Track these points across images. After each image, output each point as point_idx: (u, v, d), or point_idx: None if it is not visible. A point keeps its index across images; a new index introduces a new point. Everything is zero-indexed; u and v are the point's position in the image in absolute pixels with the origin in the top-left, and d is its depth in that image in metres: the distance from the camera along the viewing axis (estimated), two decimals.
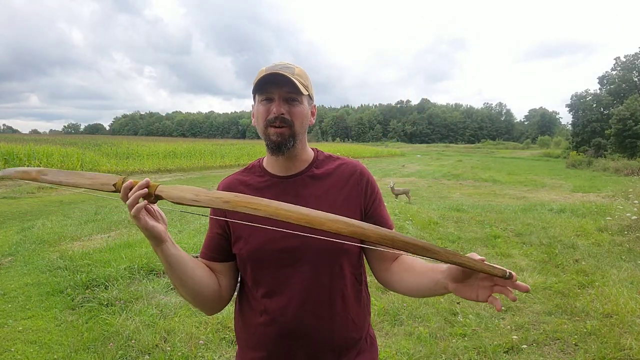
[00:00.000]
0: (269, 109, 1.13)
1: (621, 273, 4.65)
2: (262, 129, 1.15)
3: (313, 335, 1.12)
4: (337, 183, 1.18)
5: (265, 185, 1.20)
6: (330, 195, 1.16)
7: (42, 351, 3.08)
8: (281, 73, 1.09)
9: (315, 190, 1.17)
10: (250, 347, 1.20)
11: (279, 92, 1.12)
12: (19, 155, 17.10)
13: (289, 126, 1.12)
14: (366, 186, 1.19)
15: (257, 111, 1.17)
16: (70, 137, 50.03)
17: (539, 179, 18.15)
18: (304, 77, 1.16)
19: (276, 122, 1.12)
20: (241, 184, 1.23)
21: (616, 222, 6.84)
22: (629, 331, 3.27)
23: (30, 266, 5.07)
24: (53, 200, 10.86)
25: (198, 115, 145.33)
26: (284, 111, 1.12)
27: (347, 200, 1.16)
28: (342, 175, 1.19)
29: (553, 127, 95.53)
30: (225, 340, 3.20)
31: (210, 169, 22.96)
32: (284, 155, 1.15)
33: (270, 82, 1.11)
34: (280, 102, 1.12)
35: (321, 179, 1.19)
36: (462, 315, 3.64)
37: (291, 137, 1.13)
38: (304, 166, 1.21)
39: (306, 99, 1.17)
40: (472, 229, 6.96)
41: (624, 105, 28.92)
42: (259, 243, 1.13)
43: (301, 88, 1.11)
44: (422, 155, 41.51)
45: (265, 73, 1.11)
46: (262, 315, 1.15)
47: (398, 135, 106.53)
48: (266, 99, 1.14)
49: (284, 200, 1.11)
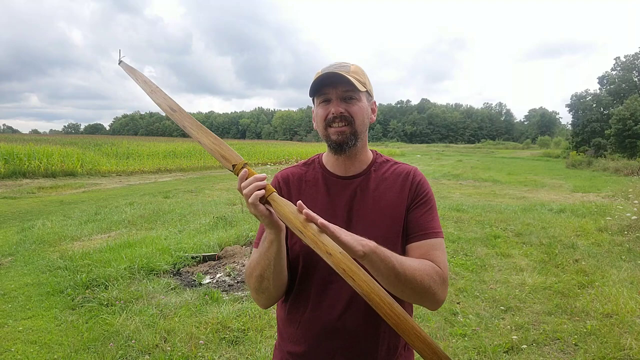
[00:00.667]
0: (327, 110, 1.12)
1: (621, 273, 4.66)
2: (323, 131, 1.14)
3: (356, 338, 1.11)
4: (393, 187, 1.17)
5: (323, 183, 1.19)
6: (385, 199, 1.15)
7: (43, 351, 3.08)
8: (336, 72, 1.08)
9: (373, 193, 1.16)
10: (291, 340, 1.19)
11: (336, 91, 1.10)
12: (19, 155, 17.08)
13: (349, 124, 1.11)
14: (416, 187, 1.17)
15: (316, 114, 1.16)
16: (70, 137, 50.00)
17: (539, 179, 18.14)
18: (361, 74, 1.14)
19: (336, 121, 1.10)
20: (299, 179, 1.23)
21: (616, 222, 6.84)
22: (629, 331, 3.27)
23: (31, 266, 5.07)
24: (53, 200, 10.86)
25: (198, 115, 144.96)
26: (343, 110, 1.10)
27: (399, 205, 1.15)
28: (397, 178, 1.18)
29: (553, 127, 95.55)
30: (225, 340, 3.20)
31: (210, 169, 22.94)
32: (346, 154, 1.14)
33: (325, 83, 1.10)
34: (338, 102, 1.11)
35: (380, 182, 1.18)
36: (462, 315, 3.65)
37: (352, 135, 1.12)
38: (363, 167, 1.20)
39: (365, 96, 1.15)
40: (472, 229, 6.96)
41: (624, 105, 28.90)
42: None
43: (358, 85, 1.09)
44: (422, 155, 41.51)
45: (320, 74, 1.10)
46: (308, 312, 1.14)
47: (398, 135, 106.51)
48: (324, 101, 1.13)
49: (342, 201, 1.16)
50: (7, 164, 16.07)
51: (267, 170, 9.52)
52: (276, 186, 1.23)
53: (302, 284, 1.16)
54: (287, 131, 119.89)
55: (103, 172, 18.54)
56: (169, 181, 16.56)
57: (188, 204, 9.53)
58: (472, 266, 5.02)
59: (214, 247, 5.47)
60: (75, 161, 18.27)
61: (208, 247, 5.47)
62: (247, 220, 6.77)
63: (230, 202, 9.68)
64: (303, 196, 1.19)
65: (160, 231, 6.59)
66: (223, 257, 5.22)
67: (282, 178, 1.25)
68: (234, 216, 7.28)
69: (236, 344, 3.17)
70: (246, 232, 5.86)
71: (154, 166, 21.14)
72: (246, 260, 5.00)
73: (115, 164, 20.12)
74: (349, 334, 1.11)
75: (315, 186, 1.20)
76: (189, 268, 4.95)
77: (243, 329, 3.36)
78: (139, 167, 20.27)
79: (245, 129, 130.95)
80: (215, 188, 13.47)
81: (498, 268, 4.98)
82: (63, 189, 13.46)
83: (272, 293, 1.13)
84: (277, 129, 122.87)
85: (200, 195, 11.66)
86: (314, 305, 1.14)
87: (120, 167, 19.84)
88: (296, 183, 1.22)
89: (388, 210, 1.14)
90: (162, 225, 7.22)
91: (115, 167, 19.66)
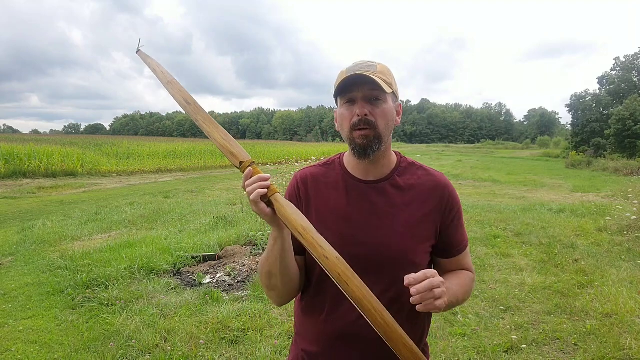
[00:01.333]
0: (352, 112, 1.08)
1: (621, 273, 4.66)
2: (347, 134, 1.10)
3: (372, 342, 1.09)
4: (419, 197, 1.13)
5: (343, 186, 1.16)
6: (410, 209, 1.12)
7: (43, 351, 3.09)
8: (362, 73, 1.04)
9: (395, 200, 1.12)
10: (307, 340, 1.19)
11: (361, 92, 1.06)
12: (20, 155, 17.08)
13: (373, 128, 1.06)
14: (447, 204, 1.14)
15: (340, 115, 1.12)
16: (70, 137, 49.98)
17: (539, 179, 18.15)
18: (387, 74, 1.09)
19: (360, 124, 1.06)
20: (318, 180, 1.19)
21: (616, 222, 6.85)
22: (629, 331, 3.27)
23: (31, 266, 5.07)
24: (53, 200, 10.86)
25: None
26: (367, 112, 1.06)
27: (426, 217, 1.12)
28: (425, 188, 1.14)
29: (553, 127, 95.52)
30: (226, 340, 3.21)
31: (210, 169, 22.95)
32: (370, 158, 1.10)
33: (351, 83, 1.06)
34: (363, 103, 1.06)
35: (403, 189, 1.13)
36: (462, 315, 3.65)
37: (377, 139, 1.07)
38: (387, 172, 1.15)
39: (391, 97, 1.10)
40: (472, 229, 6.96)
41: (624, 105, 28.90)
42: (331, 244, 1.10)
43: (384, 86, 1.05)
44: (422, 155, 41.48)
45: (346, 75, 1.06)
46: (324, 315, 1.13)
47: (398, 135, 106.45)
48: (348, 101, 1.09)
49: (360, 207, 1.12)
50: (7, 164, 16.06)
51: (267, 170, 9.52)
52: (294, 186, 1.21)
53: (320, 286, 1.14)
54: (287, 131, 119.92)
55: (103, 172, 18.54)
56: (169, 181, 16.56)
57: (188, 204, 9.53)
58: None
59: (214, 247, 5.48)
60: (75, 161, 18.26)
61: (208, 247, 5.48)
62: (248, 220, 6.77)
63: (230, 202, 9.68)
64: (321, 198, 1.16)
65: (160, 231, 6.59)
66: (223, 257, 5.23)
67: (300, 178, 1.22)
68: (234, 216, 7.29)
69: (236, 344, 3.18)
70: (246, 232, 5.86)
71: (154, 166, 21.14)
72: (246, 260, 5.01)
73: (115, 164, 20.12)
74: (364, 341, 1.10)
75: (334, 189, 1.16)
76: (189, 268, 4.96)
77: (243, 329, 3.37)
78: (139, 167, 20.27)
79: (246, 129, 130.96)
80: (216, 188, 13.47)
81: (498, 268, 4.99)
82: (63, 189, 13.46)
83: (281, 290, 1.13)
84: (277, 129, 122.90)
85: (200, 195, 11.67)
86: (331, 309, 1.12)
87: (120, 167, 19.84)
88: (314, 184, 1.19)
89: (411, 218, 1.11)
90: (163, 225, 7.23)
91: (116, 167, 19.66)
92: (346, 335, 1.11)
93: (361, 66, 1.08)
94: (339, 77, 1.10)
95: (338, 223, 1.12)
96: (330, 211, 1.14)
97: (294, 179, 1.24)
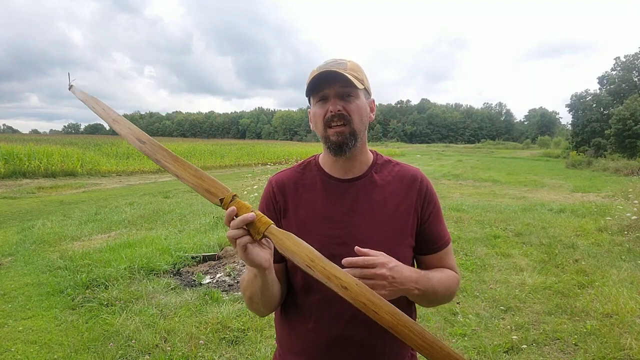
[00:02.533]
0: (325, 109, 1.07)
1: (621, 273, 4.66)
2: (322, 131, 1.09)
3: (362, 348, 1.08)
4: (397, 192, 1.13)
5: (321, 187, 1.14)
6: (389, 204, 1.12)
7: (43, 351, 3.08)
8: (333, 70, 1.04)
9: (374, 197, 1.12)
10: (294, 351, 1.15)
11: (333, 89, 1.06)
12: (19, 155, 17.07)
13: (348, 123, 1.06)
14: (425, 196, 1.14)
15: (313, 114, 1.11)
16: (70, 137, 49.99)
17: (539, 179, 18.14)
18: (358, 71, 1.09)
19: (334, 120, 1.06)
20: (295, 184, 1.17)
21: (616, 222, 6.84)
22: (629, 331, 3.27)
23: (31, 266, 5.07)
24: (53, 200, 10.86)
25: (198, 115, 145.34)
26: (341, 107, 1.05)
27: (405, 211, 1.12)
28: (402, 183, 1.14)
29: (553, 127, 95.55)
30: (225, 340, 3.21)
31: (210, 169, 22.94)
32: (346, 155, 1.09)
33: (322, 81, 1.06)
34: (336, 99, 1.06)
35: (381, 186, 1.13)
36: (462, 315, 3.65)
37: (352, 135, 1.07)
38: (364, 169, 1.15)
39: (363, 93, 1.10)
40: (472, 229, 6.95)
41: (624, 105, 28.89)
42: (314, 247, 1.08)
43: (355, 82, 1.05)
44: (422, 155, 41.50)
45: (316, 73, 1.06)
46: (311, 322, 1.10)
47: (398, 135, 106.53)
48: (321, 99, 1.08)
49: (341, 206, 1.11)
50: (7, 164, 16.05)
51: (267, 170, 9.51)
52: (270, 192, 1.18)
53: (304, 294, 1.11)
54: (287, 131, 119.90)
55: (103, 172, 18.54)
56: (169, 181, 16.56)
57: (188, 204, 9.53)
58: (472, 266, 5.02)
59: (214, 247, 5.47)
60: (75, 161, 18.25)
61: (208, 247, 5.47)
62: None
63: None
64: (300, 201, 1.14)
65: (160, 231, 6.59)
66: (223, 257, 5.22)
67: (276, 184, 1.18)
68: None
69: (236, 344, 3.17)
70: None
71: (154, 166, 21.10)
72: None
73: (115, 164, 20.12)
74: (354, 346, 1.08)
75: (313, 190, 1.14)
76: (189, 268, 4.95)
77: (243, 329, 3.36)
78: (139, 167, 20.25)
79: (245, 129, 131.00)
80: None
81: (498, 268, 4.98)
82: (63, 189, 13.46)
83: (264, 312, 1.12)
84: (277, 129, 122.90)
85: (200, 195, 11.65)
86: (318, 316, 1.09)
87: (120, 167, 19.83)
88: (292, 188, 1.16)
89: (391, 214, 1.11)
90: (162, 225, 7.22)
91: (115, 167, 19.66)
92: (338, 343, 1.07)
93: (332, 64, 1.07)
94: (310, 75, 1.09)
95: (320, 225, 1.10)
96: (311, 214, 1.12)
97: (268, 185, 1.20)
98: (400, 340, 1.02)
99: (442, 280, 1.10)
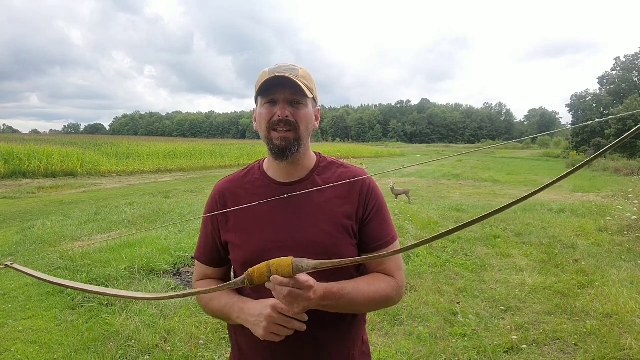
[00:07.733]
0: (272, 112, 1.09)
1: (621, 273, 4.66)
2: (265, 133, 1.11)
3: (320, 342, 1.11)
4: (339, 193, 1.14)
5: (264, 191, 1.15)
6: (331, 205, 1.13)
7: (43, 351, 3.08)
8: (285, 75, 1.06)
9: (316, 199, 1.13)
10: (253, 349, 1.16)
11: (283, 94, 1.08)
12: (19, 155, 17.07)
13: (293, 130, 1.08)
14: (366, 196, 1.15)
15: (259, 114, 1.12)
16: (70, 137, 49.91)
17: (539, 179, 18.15)
18: (309, 80, 1.12)
19: (280, 125, 1.08)
20: (236, 189, 1.19)
21: (616, 222, 6.84)
22: (629, 331, 3.27)
23: (31, 266, 5.05)
24: (53, 200, 10.86)
25: (198, 115, 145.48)
26: (289, 113, 1.07)
27: (347, 211, 1.13)
28: (344, 185, 1.15)
29: (553, 127, 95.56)
30: (225, 340, 3.20)
31: (210, 169, 22.95)
32: (288, 160, 1.11)
33: (274, 84, 1.07)
34: (285, 105, 1.08)
35: (323, 187, 1.14)
36: (462, 315, 3.65)
37: (296, 141, 1.09)
38: (306, 172, 1.17)
39: (310, 102, 1.13)
40: (472, 229, 6.95)
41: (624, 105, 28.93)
42: (254, 251, 1.10)
43: (306, 91, 1.07)
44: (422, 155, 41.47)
45: (269, 76, 1.07)
46: None
47: (398, 135, 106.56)
48: (269, 102, 1.09)
49: (283, 210, 1.12)
50: (7, 164, 16.05)
51: None
52: (213, 198, 1.20)
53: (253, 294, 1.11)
54: None
55: (103, 172, 18.54)
56: (169, 181, 16.56)
57: (188, 204, 9.52)
58: (472, 266, 5.02)
59: None
60: (75, 161, 18.25)
61: None
62: None
63: None
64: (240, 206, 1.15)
65: (160, 231, 6.58)
66: None
67: (218, 191, 1.21)
68: None
69: None
70: None
71: (154, 166, 21.13)
72: None
73: (115, 164, 20.12)
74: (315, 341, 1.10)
75: (254, 195, 1.15)
76: (189, 268, 4.95)
77: None
78: (139, 167, 20.27)
79: (245, 129, 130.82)
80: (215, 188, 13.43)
81: (498, 268, 4.98)
82: (63, 189, 13.46)
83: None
84: None
85: (200, 195, 11.66)
86: None
87: (120, 167, 19.83)
88: (232, 194, 1.18)
89: (333, 215, 1.11)
90: (163, 225, 7.21)
91: (115, 167, 19.66)
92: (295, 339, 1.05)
93: (284, 69, 1.09)
94: (261, 77, 1.11)
95: (261, 229, 1.11)
96: (252, 219, 1.13)
97: (213, 191, 1.22)
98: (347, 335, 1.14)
99: (363, 290, 1.08)
